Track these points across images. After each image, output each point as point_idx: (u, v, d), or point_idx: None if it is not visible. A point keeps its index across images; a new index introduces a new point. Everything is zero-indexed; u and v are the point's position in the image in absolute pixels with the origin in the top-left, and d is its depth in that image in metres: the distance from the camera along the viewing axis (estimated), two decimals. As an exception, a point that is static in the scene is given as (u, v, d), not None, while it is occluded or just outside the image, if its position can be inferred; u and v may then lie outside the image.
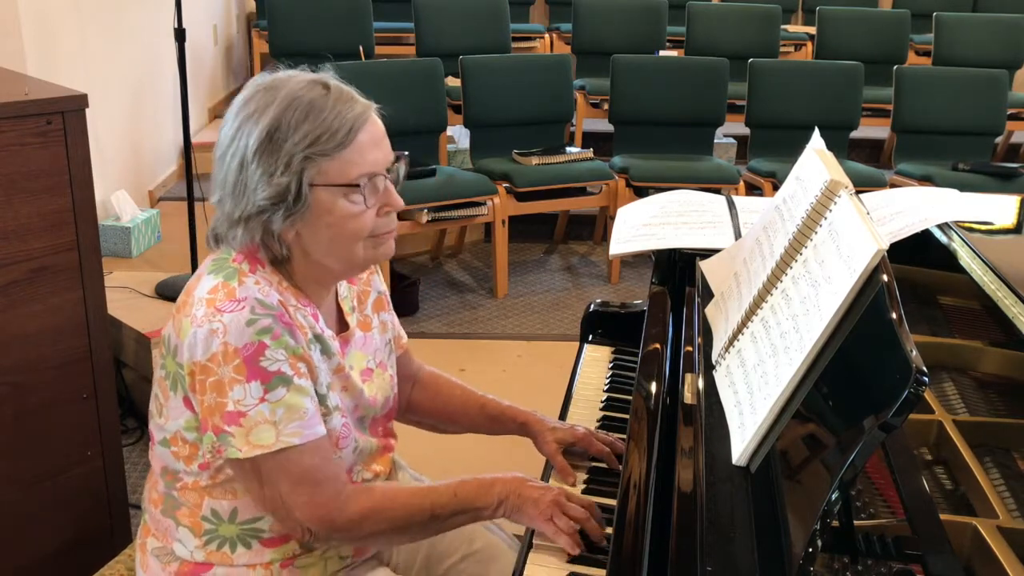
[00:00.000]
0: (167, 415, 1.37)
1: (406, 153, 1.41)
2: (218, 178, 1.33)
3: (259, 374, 1.27)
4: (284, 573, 1.41)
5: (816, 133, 1.63)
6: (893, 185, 4.49)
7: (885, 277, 1.13)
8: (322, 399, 1.36)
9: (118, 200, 4.06)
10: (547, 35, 6.39)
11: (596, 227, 4.97)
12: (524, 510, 1.37)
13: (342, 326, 1.49)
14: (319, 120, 1.28)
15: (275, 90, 1.30)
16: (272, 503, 1.33)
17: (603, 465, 1.56)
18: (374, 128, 1.33)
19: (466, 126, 4.60)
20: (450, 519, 1.39)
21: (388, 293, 1.61)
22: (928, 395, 1.45)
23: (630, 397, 1.65)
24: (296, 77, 1.33)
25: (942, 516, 1.16)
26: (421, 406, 1.70)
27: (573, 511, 1.36)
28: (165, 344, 1.35)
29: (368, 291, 1.56)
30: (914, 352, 1.00)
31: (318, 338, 1.37)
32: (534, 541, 1.37)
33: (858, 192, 1.48)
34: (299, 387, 1.30)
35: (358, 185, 1.31)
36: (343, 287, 1.51)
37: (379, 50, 5.55)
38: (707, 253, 1.86)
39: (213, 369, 1.27)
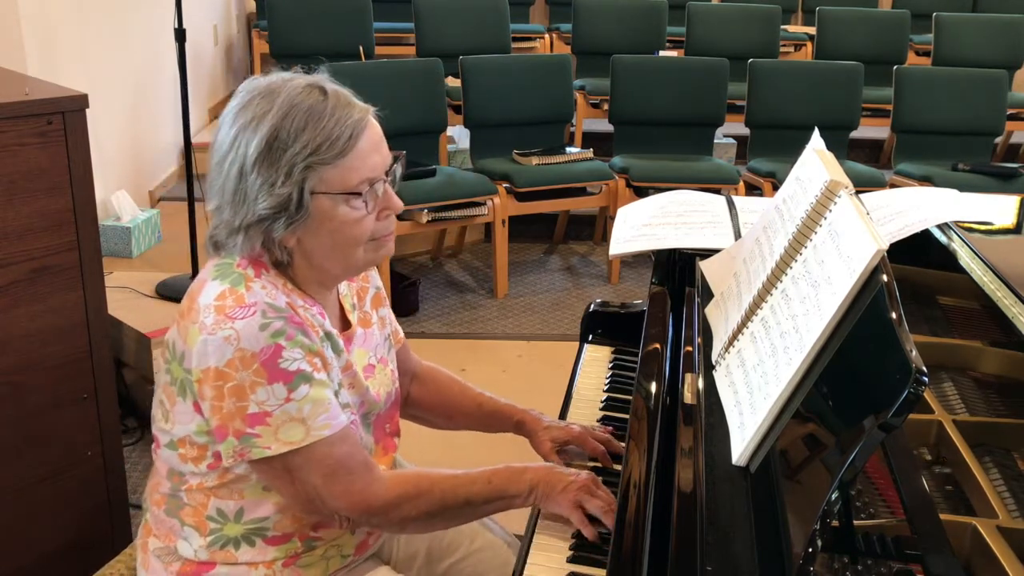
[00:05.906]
0: (174, 420, 1.36)
1: (403, 152, 1.40)
2: (216, 185, 1.31)
3: (280, 375, 1.27)
4: (286, 572, 1.41)
5: (816, 133, 1.63)
6: (893, 185, 4.49)
7: (885, 277, 1.13)
8: (336, 395, 1.37)
9: (118, 200, 4.05)
10: (547, 35, 6.39)
11: (596, 227, 4.97)
12: (553, 497, 1.38)
13: (344, 324, 1.49)
14: (319, 128, 1.26)
15: (272, 96, 1.28)
16: (306, 497, 1.33)
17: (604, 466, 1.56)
18: (373, 132, 1.32)
19: (466, 126, 4.60)
20: (483, 506, 1.40)
21: (384, 288, 1.60)
22: (928, 395, 1.45)
23: (630, 397, 1.65)
24: (292, 81, 1.30)
25: (942, 516, 1.16)
26: (420, 401, 1.71)
27: (602, 496, 1.38)
28: (169, 349, 1.35)
29: (367, 287, 1.56)
30: (914, 352, 1.00)
31: (328, 336, 1.37)
32: (535, 540, 1.38)
33: (858, 192, 1.48)
34: (320, 381, 1.31)
35: (359, 192, 1.30)
36: (343, 285, 1.51)
37: (379, 50, 5.55)
38: (707, 253, 1.86)
39: (231, 375, 1.26)
